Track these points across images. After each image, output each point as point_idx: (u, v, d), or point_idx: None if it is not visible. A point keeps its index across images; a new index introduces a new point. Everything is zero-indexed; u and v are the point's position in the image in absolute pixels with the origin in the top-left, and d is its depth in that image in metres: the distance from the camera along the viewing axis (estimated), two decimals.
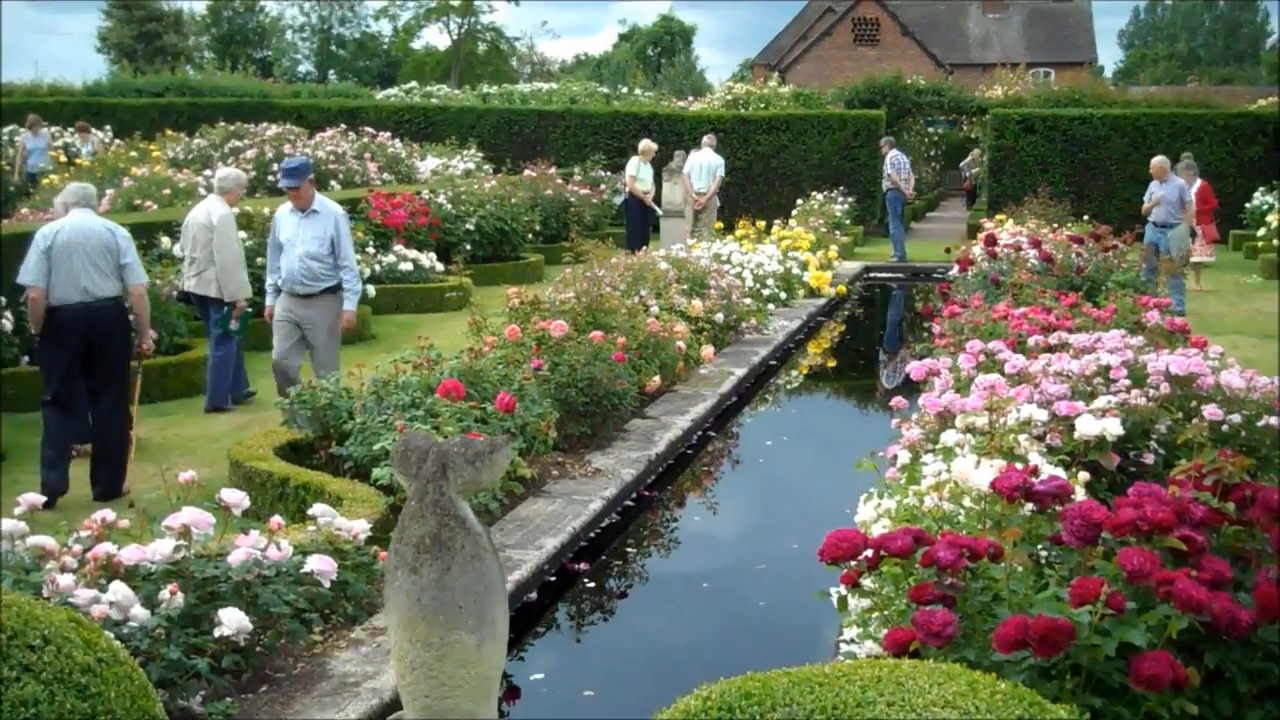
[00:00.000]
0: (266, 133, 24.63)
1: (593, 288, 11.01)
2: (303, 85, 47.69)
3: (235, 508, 5.68)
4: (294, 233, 9.88)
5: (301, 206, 9.90)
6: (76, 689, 3.53)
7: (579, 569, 7.55)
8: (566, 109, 31.28)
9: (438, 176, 24.43)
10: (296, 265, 9.83)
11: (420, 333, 10.58)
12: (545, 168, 24.83)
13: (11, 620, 3.55)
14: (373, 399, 8.20)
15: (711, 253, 16.19)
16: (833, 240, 21.25)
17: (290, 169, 9.82)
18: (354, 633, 5.92)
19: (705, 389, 11.68)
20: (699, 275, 14.09)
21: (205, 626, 5.17)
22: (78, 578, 5.07)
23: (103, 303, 8.61)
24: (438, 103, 34.35)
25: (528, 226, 21.66)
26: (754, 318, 14.78)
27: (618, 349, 9.96)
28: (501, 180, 22.90)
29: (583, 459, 9.18)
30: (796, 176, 27.81)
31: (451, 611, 3.91)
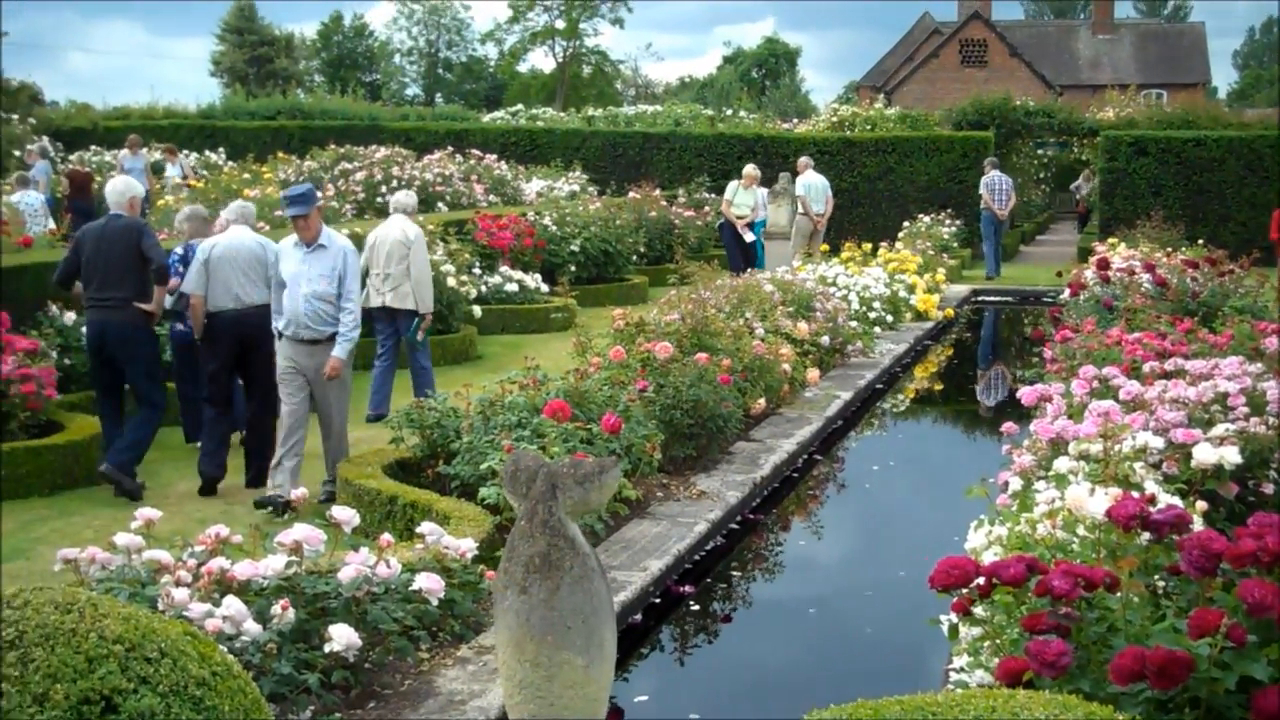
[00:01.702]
0: (375, 155, 24.98)
1: (698, 309, 11.00)
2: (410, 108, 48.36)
3: (345, 525, 5.75)
4: (298, 269, 8.74)
5: (307, 240, 8.79)
6: (192, 701, 3.57)
7: (684, 591, 7.52)
8: (671, 131, 31.37)
9: (543, 198, 24.62)
10: (302, 307, 8.68)
11: (525, 353, 10.66)
12: (649, 190, 24.89)
13: (129, 633, 3.61)
14: (480, 419, 8.25)
15: (817, 275, 16.11)
16: (940, 263, 21.04)
17: (296, 196, 8.78)
18: (460, 651, 5.94)
19: (811, 412, 11.61)
20: (805, 298, 14.02)
21: (315, 642, 5.23)
22: (192, 592, 5.15)
23: (252, 309, 9.27)
24: (543, 125, 34.63)
25: (632, 248, 21.73)
26: (860, 341, 14.67)
27: (723, 371, 9.93)
28: (606, 202, 23.03)
29: (687, 481, 9.16)
30: (903, 199, 27.59)
31: (560, 631, 3.91)
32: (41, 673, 3.35)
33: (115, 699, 3.40)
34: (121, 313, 9.18)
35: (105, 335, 9.29)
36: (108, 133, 30.14)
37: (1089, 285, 14.76)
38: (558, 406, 7.89)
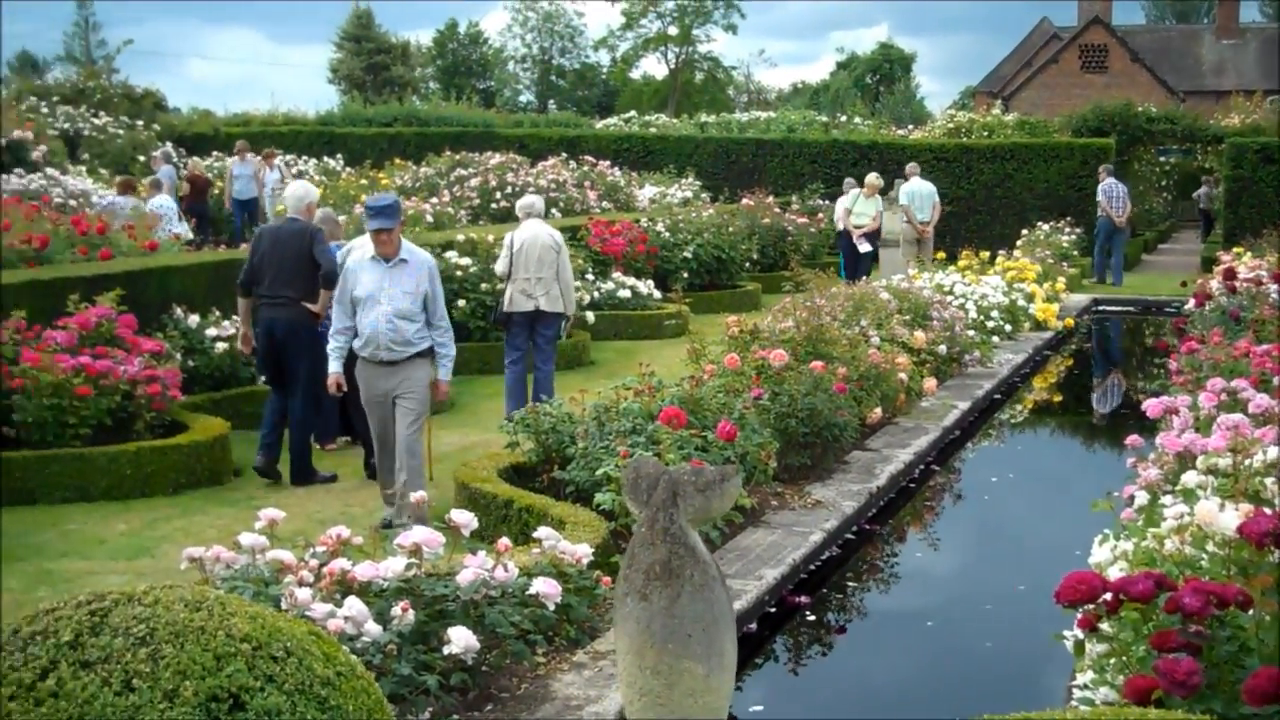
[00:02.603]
0: (490, 161, 25.22)
1: (813, 317, 10.93)
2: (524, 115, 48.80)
3: (464, 529, 5.78)
4: (377, 286, 8.19)
5: (387, 254, 8.23)
6: (317, 701, 3.61)
7: (799, 602, 7.46)
8: (784, 137, 31.26)
9: (656, 204, 24.66)
10: (382, 326, 8.13)
11: (638, 359, 10.65)
12: (763, 196, 24.81)
13: (256, 632, 3.65)
14: (595, 424, 8.26)
15: (934, 283, 15.92)
16: (1059, 272, 20.69)
17: (382, 207, 8.21)
18: (576, 656, 5.95)
19: (927, 422, 11.47)
20: (921, 306, 13.86)
21: (434, 644, 5.26)
22: (314, 592, 5.21)
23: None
24: (656, 131, 34.71)
25: (745, 255, 21.67)
26: (978, 350, 14.47)
27: (838, 379, 9.85)
28: (719, 208, 23.00)
29: (802, 490, 9.09)
30: (1021, 206, 27.17)
31: (681, 639, 3.89)
32: (171, 669, 3.40)
33: (243, 696, 3.44)
34: (289, 310, 9.54)
35: (274, 330, 9.65)
36: (229, 138, 30.76)
37: (1215, 296, 14.41)
38: (673, 413, 7.87)
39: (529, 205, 11.79)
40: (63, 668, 3.37)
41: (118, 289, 10.76)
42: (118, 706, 3.29)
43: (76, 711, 3.27)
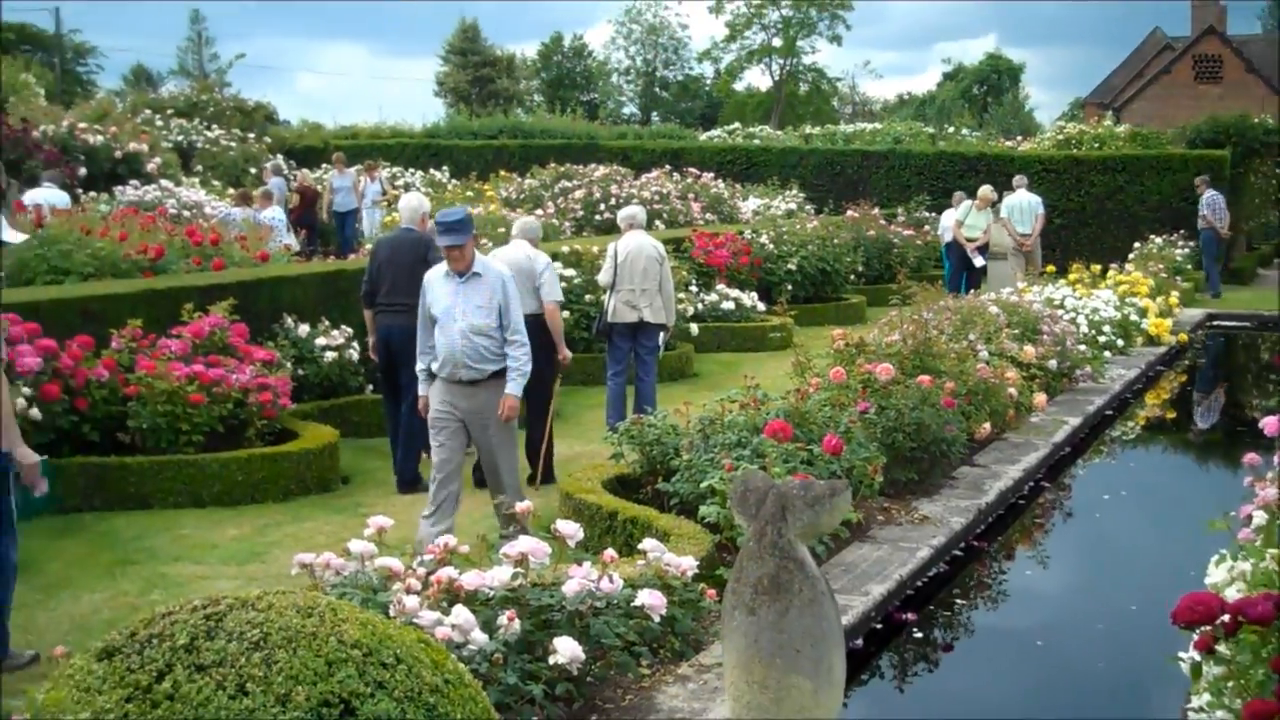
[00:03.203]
0: (594, 174, 25.33)
1: (920, 331, 10.80)
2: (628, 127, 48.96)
3: (570, 539, 5.79)
4: (451, 302, 7.89)
5: (460, 269, 7.95)
6: (426, 708, 3.62)
7: (906, 618, 7.36)
8: (890, 149, 31.00)
9: (760, 216, 24.59)
10: (458, 344, 7.82)
11: (741, 372, 10.62)
12: (868, 208, 24.64)
13: (367, 638, 3.68)
14: (699, 437, 8.24)
15: (1044, 297, 15.68)
16: (1173, 286, 20.27)
17: (453, 223, 7.87)
18: (681, 668, 5.92)
19: (1037, 438, 11.28)
20: (1031, 320, 13.65)
21: (539, 653, 5.26)
22: (421, 600, 5.24)
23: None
24: (760, 143, 34.62)
25: (850, 267, 21.53)
26: (1089, 365, 14.20)
27: (946, 394, 9.72)
28: (824, 221, 22.89)
29: (909, 505, 8.98)
30: (1133, 219, 26.64)
31: (789, 655, 3.85)
32: (284, 674, 3.43)
33: (353, 702, 3.46)
34: (406, 317, 9.58)
35: (391, 338, 9.80)
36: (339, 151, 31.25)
37: None
38: (779, 427, 7.82)
39: (631, 216, 11.80)
40: (178, 671, 3.42)
41: (230, 298, 10.95)
42: (231, 710, 3.33)
43: (191, 714, 3.31)
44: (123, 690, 3.39)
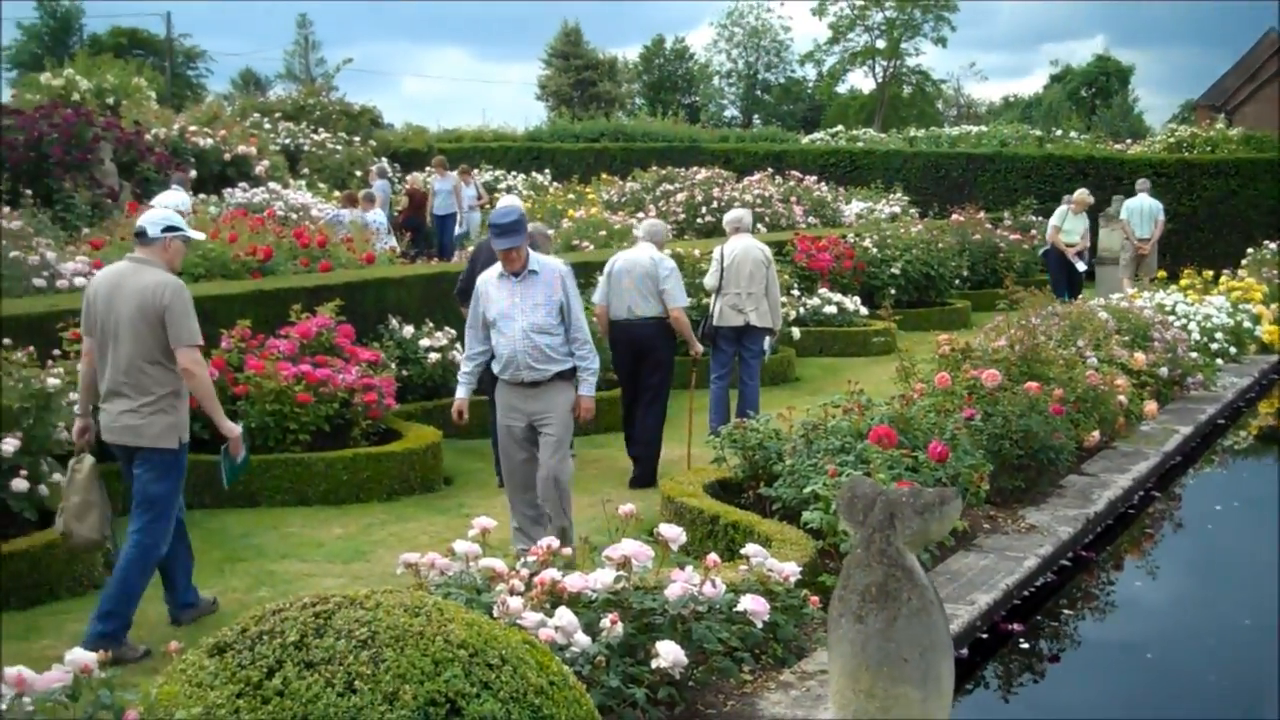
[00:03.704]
0: (696, 176, 25.32)
1: (1027, 336, 10.63)
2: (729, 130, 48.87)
3: (673, 543, 5.76)
4: (510, 303, 7.60)
5: (515, 269, 7.64)
6: (531, 709, 3.63)
7: (1012, 629, 7.24)
8: (996, 152, 30.63)
9: (863, 220, 24.41)
10: (520, 344, 7.54)
11: (844, 376, 10.52)
12: (973, 212, 24.34)
13: (473, 638, 3.69)
14: (802, 442, 8.18)
15: (1154, 303, 15.37)
16: None
17: (508, 225, 7.52)
18: (783, 675, 5.87)
19: (1147, 446, 11.05)
20: (1141, 326, 13.38)
21: (641, 656, 5.25)
22: (525, 601, 5.25)
23: (642, 320, 10.12)
24: (863, 146, 34.38)
25: (955, 272, 21.29)
26: (1201, 373, 13.88)
27: (1054, 401, 9.55)
28: (928, 224, 22.65)
29: (1015, 514, 8.84)
30: (1246, 224, 26.05)
31: (896, 664, 3.80)
32: (392, 673, 3.46)
33: (459, 702, 3.48)
34: None
35: None
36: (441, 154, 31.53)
37: None
38: (883, 432, 7.74)
39: (738, 219, 11.75)
40: (288, 667, 3.46)
41: (337, 300, 11.09)
42: (340, 707, 3.36)
43: (300, 711, 3.35)
44: (234, 686, 3.44)
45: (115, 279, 6.79)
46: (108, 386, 6.72)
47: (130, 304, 6.64)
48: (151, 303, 6.60)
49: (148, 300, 6.61)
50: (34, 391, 7.99)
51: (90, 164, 19.07)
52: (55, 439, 8.15)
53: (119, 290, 6.70)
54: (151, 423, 6.68)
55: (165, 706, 3.42)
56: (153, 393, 6.67)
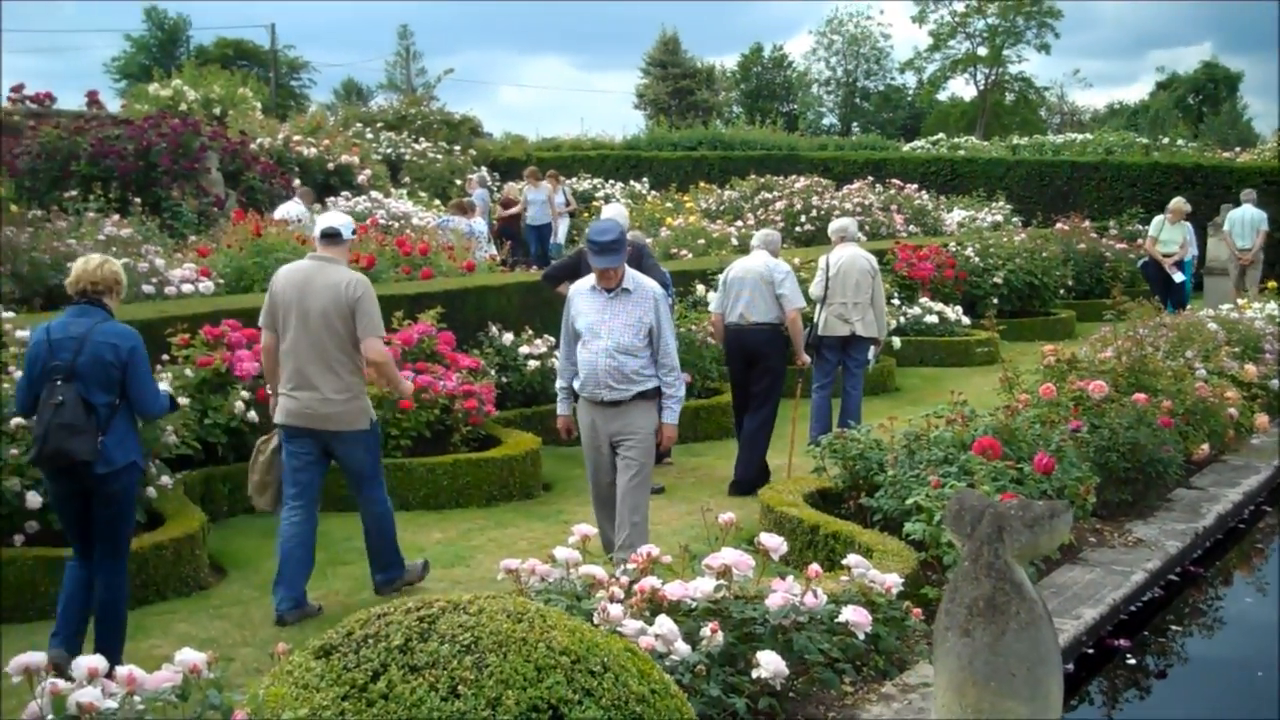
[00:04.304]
0: (795, 185, 25.20)
1: (1135, 347, 10.44)
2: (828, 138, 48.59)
3: (774, 552, 5.73)
4: (597, 318, 7.41)
5: (609, 285, 7.46)
6: (632, 717, 3.62)
7: (1118, 644, 7.10)
8: (1102, 160, 30.14)
9: (964, 229, 24.14)
10: (601, 362, 7.34)
11: (945, 387, 10.40)
12: (1078, 221, 23.95)
13: (575, 645, 3.69)
14: (904, 452, 8.09)
15: (1265, 314, 15.01)
16: None
17: (606, 244, 7.32)
18: (885, 687, 5.81)
19: (1258, 460, 10.79)
20: (1252, 338, 13.07)
21: (741, 666, 5.22)
22: (625, 608, 5.24)
23: (756, 326, 10.18)
24: (965, 154, 34.01)
25: (1059, 281, 20.94)
26: None
27: (1163, 413, 9.36)
28: (1031, 233, 22.34)
29: (1122, 527, 8.68)
30: None
31: (1004, 679, 3.74)
32: (495, 678, 3.47)
33: (562, 709, 3.48)
34: None
35: None
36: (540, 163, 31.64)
37: None
38: (987, 444, 7.63)
39: (844, 228, 11.68)
40: (393, 671, 3.48)
41: (438, 307, 11.19)
42: (443, 712, 3.37)
43: (405, 714, 3.36)
44: (339, 688, 3.46)
45: (302, 276, 7.34)
46: (294, 376, 7.25)
47: (322, 298, 7.19)
48: (344, 297, 7.18)
49: (340, 295, 7.18)
50: None
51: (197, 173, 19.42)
52: (164, 443, 8.31)
53: (307, 286, 7.26)
54: (348, 409, 7.29)
55: (272, 708, 3.46)
56: (344, 380, 7.26)
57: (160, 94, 25.94)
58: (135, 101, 26.49)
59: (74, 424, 5.99)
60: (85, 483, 6.15)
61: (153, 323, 9.72)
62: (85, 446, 6.01)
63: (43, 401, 6.08)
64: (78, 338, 6.11)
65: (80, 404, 6.02)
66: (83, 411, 6.02)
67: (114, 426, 6.14)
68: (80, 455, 6.01)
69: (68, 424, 5.99)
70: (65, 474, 6.15)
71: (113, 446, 6.12)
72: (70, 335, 6.13)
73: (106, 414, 6.11)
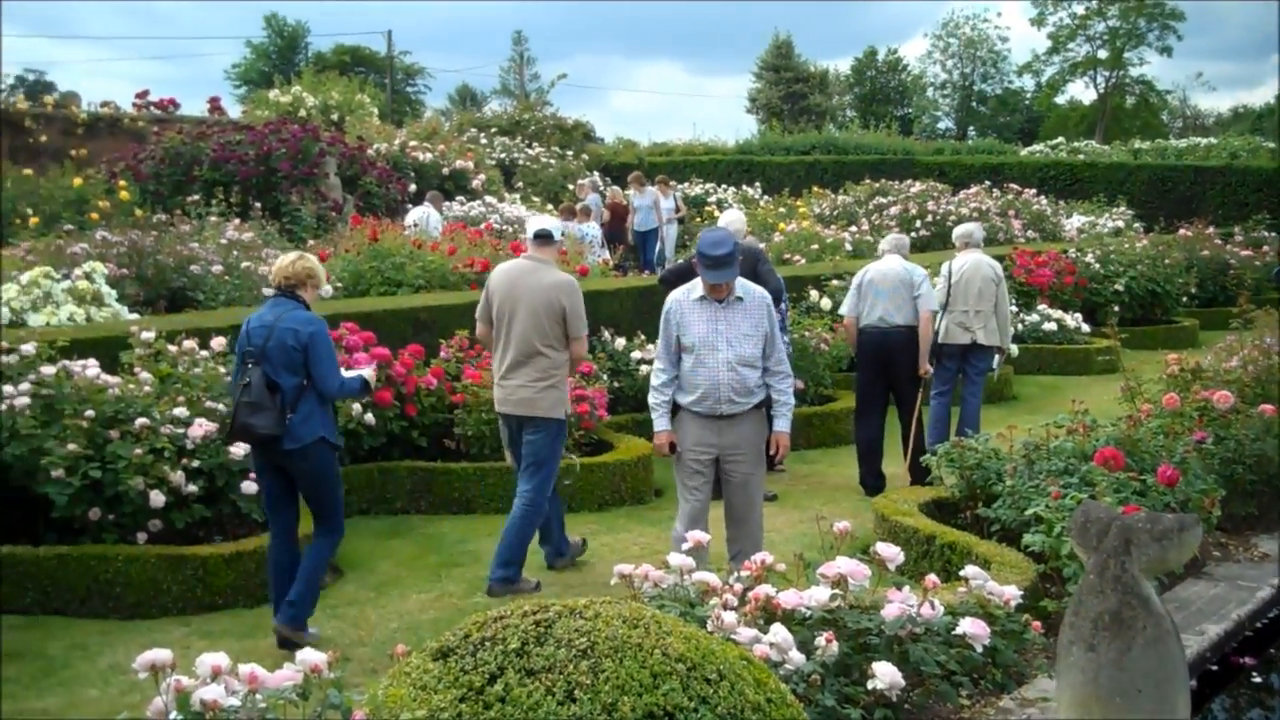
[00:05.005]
0: (910, 190, 24.97)
1: (1262, 357, 10.16)
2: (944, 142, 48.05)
3: (890, 562, 5.66)
4: (711, 330, 7.13)
5: (721, 296, 7.18)
6: None
7: (1243, 662, 6.90)
8: (1226, 164, 29.47)
9: (1084, 234, 23.72)
10: (723, 376, 7.06)
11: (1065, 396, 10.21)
12: (1202, 227, 23.42)
13: (691, 652, 3.67)
14: (1024, 462, 7.95)
15: None
16: None
17: (720, 257, 7.03)
18: (1002, 701, 5.70)
19: None
20: None
21: (855, 676, 5.16)
22: (739, 616, 5.21)
23: (895, 329, 10.17)
24: (1084, 159, 33.45)
25: (1182, 289, 20.50)
26: None
27: None
28: (1153, 239, 21.90)
29: (1247, 541, 8.44)
30: None
31: (1130, 695, 3.65)
32: (611, 684, 3.45)
33: (678, 716, 3.46)
34: None
35: None
36: (651, 168, 31.66)
37: None
38: (1109, 454, 7.46)
39: (968, 234, 11.53)
40: (509, 674, 3.48)
41: None
42: (560, 716, 3.37)
43: (522, 717, 3.37)
44: (456, 690, 3.48)
45: (515, 275, 7.98)
46: (506, 366, 7.89)
47: (535, 297, 7.81)
48: (555, 297, 7.76)
49: (552, 295, 7.76)
50: None
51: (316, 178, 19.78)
52: None
53: (520, 284, 7.89)
54: (545, 397, 7.82)
55: (391, 708, 3.48)
56: (546, 371, 7.83)
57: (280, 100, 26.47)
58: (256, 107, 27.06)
59: (258, 402, 6.63)
60: (278, 458, 6.79)
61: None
62: (267, 422, 6.63)
63: (236, 382, 6.80)
64: (269, 325, 6.77)
65: (265, 384, 6.66)
66: (267, 391, 6.65)
67: (301, 406, 6.74)
68: (262, 430, 6.63)
69: (252, 402, 6.63)
70: (260, 449, 6.84)
71: (298, 424, 6.70)
72: (263, 323, 6.80)
73: (293, 394, 6.72)
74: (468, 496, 9.71)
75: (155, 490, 7.54)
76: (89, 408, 7.77)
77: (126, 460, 7.54)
